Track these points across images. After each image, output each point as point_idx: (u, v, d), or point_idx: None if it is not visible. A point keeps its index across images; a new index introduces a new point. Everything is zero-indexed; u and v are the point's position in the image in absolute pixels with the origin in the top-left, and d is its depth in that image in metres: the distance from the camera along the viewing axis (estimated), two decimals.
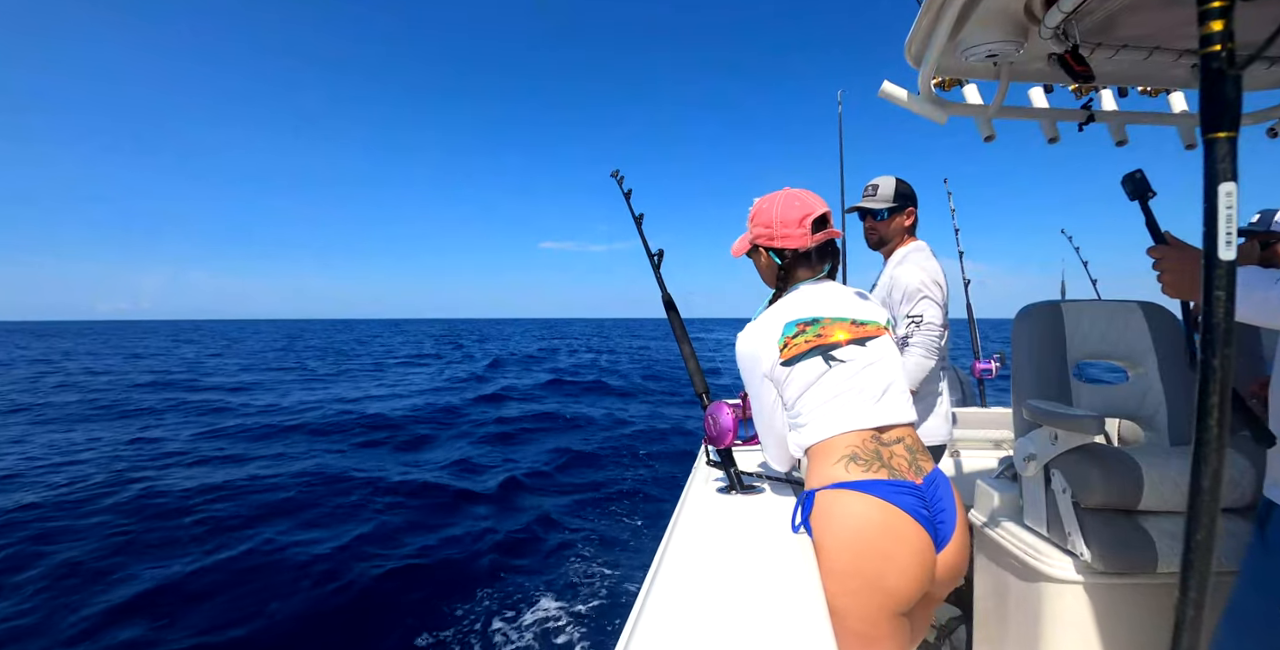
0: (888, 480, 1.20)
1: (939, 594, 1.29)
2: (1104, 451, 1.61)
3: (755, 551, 1.18)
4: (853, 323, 1.36)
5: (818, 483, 1.24)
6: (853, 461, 1.22)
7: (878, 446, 1.25)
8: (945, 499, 1.26)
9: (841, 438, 1.25)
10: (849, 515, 1.17)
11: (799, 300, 1.39)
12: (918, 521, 1.17)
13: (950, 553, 1.23)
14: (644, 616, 0.92)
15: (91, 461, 7.54)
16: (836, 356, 1.30)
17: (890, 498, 1.17)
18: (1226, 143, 0.63)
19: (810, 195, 1.47)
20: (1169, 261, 1.17)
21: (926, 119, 1.60)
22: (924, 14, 1.35)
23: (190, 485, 6.42)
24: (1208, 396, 0.63)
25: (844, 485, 1.20)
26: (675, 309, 1.87)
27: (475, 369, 21.24)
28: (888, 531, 1.15)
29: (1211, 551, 0.64)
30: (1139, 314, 1.92)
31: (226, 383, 16.94)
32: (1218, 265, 0.63)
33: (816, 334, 1.31)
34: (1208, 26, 0.62)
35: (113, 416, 11.34)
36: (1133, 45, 1.44)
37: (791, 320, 1.33)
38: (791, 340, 1.31)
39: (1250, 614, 1.07)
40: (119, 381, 17.19)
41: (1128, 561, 1.50)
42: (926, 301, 2.12)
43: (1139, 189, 1.31)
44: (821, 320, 1.33)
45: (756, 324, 1.39)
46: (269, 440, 9.11)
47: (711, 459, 1.68)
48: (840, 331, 1.33)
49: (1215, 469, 0.63)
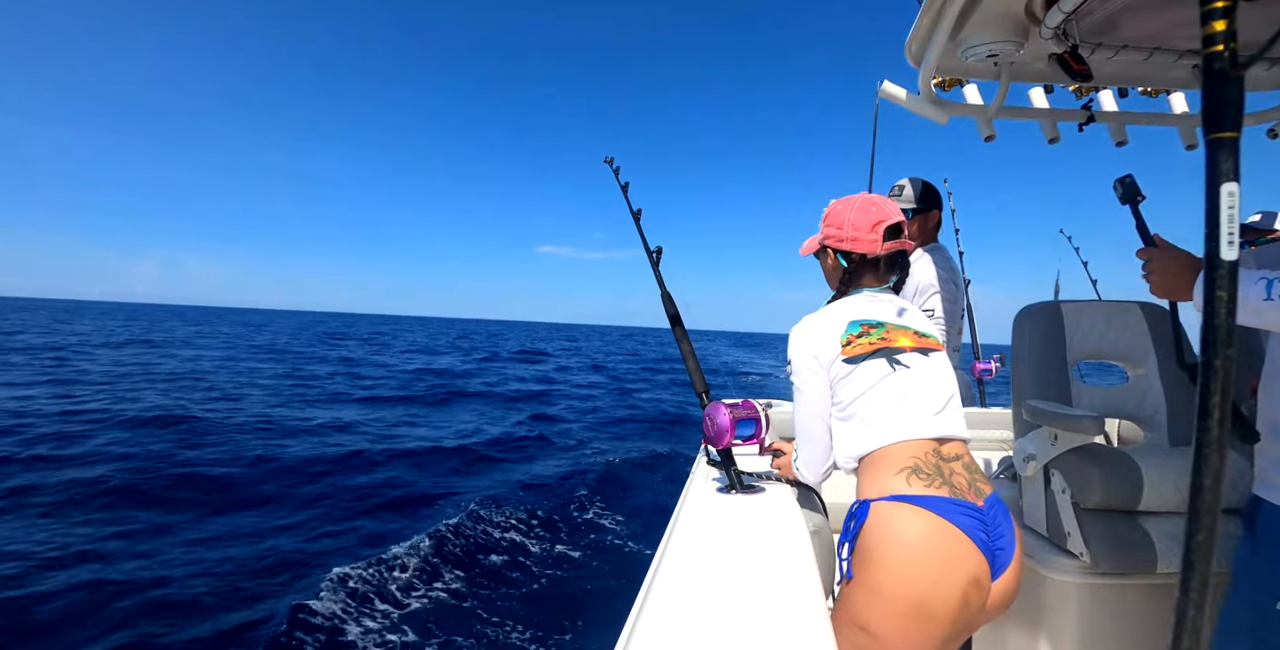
0: (950, 498, 1.12)
1: (982, 622, 1.18)
2: (1104, 452, 1.61)
3: (755, 551, 1.18)
4: (916, 333, 1.31)
5: (874, 493, 1.16)
6: (914, 474, 1.15)
7: (939, 461, 1.18)
8: (1005, 524, 1.19)
9: (903, 446, 1.18)
10: (907, 531, 1.09)
11: (862, 303, 1.35)
12: (977, 546, 1.10)
13: (1004, 581, 1.15)
14: (643, 616, 0.91)
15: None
16: (901, 361, 1.25)
17: (952, 517, 1.10)
18: (1229, 143, 0.63)
19: (887, 202, 1.41)
20: (1157, 263, 1.21)
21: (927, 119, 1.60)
22: (924, 14, 1.35)
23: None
24: (1208, 396, 0.63)
25: (905, 498, 1.12)
26: (675, 308, 1.87)
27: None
28: (946, 554, 1.08)
29: (1212, 552, 0.64)
30: (1139, 314, 1.91)
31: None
32: (1219, 266, 0.63)
33: (880, 337, 1.27)
34: (1210, 27, 0.62)
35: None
36: (1133, 46, 1.44)
37: (856, 320, 1.29)
38: (855, 339, 1.26)
39: (1243, 610, 1.07)
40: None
41: (1127, 562, 1.50)
42: (939, 297, 2.14)
43: (1129, 193, 1.35)
44: (885, 324, 1.29)
45: (816, 317, 1.34)
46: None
47: (711, 459, 1.68)
48: (904, 338, 1.28)
49: (1215, 469, 0.63)
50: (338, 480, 6.82)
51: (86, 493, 5.83)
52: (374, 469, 7.38)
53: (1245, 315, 1.01)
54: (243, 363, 19.44)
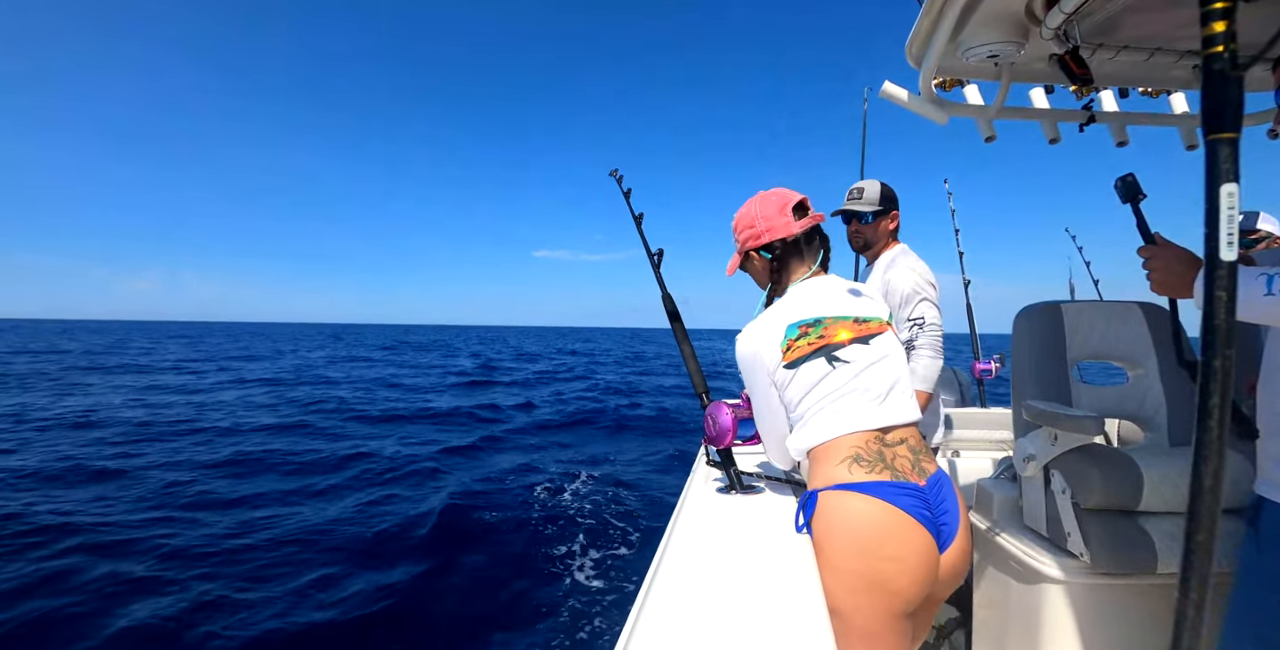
0: (890, 482, 1.19)
1: (941, 595, 1.29)
2: (1104, 452, 1.61)
3: (755, 551, 1.18)
4: (855, 320, 1.34)
5: (820, 483, 1.24)
6: (855, 463, 1.21)
7: (880, 447, 1.24)
8: (948, 500, 1.26)
9: (844, 439, 1.24)
10: (851, 516, 1.17)
11: (799, 300, 1.38)
12: (920, 522, 1.17)
13: (953, 554, 1.23)
14: (643, 616, 0.92)
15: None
16: (840, 357, 1.29)
17: (892, 499, 1.17)
18: (1228, 144, 0.63)
19: (783, 189, 1.48)
20: (1157, 261, 1.22)
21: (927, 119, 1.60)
22: (925, 14, 1.35)
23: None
24: (1208, 396, 0.64)
25: (846, 486, 1.20)
26: (676, 309, 1.87)
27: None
28: (890, 533, 1.15)
29: (1212, 552, 0.64)
30: (1139, 314, 1.91)
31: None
32: (1219, 266, 0.63)
33: (819, 335, 1.30)
34: (1210, 27, 0.62)
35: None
36: (1134, 46, 1.44)
37: (794, 322, 1.32)
38: (794, 343, 1.30)
39: (1250, 610, 1.07)
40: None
41: (1127, 562, 1.50)
42: (925, 303, 2.12)
43: (1130, 192, 1.36)
44: (824, 320, 1.32)
45: (757, 325, 1.37)
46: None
47: (711, 459, 1.68)
48: (843, 331, 1.32)
49: (1215, 469, 0.63)
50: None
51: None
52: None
53: (1246, 311, 1.02)
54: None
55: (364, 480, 6.92)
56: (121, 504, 5.79)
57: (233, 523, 5.36)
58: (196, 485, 6.47)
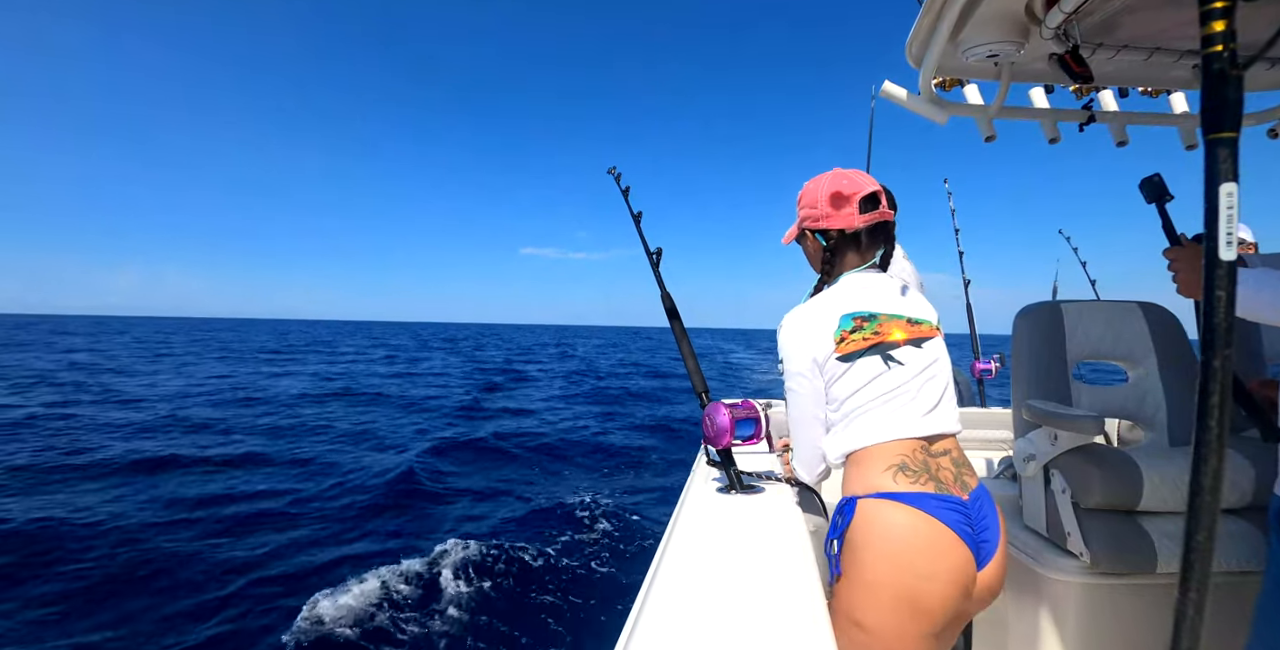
0: (934, 494, 1.14)
1: (973, 612, 1.22)
2: (1104, 452, 1.61)
3: (755, 551, 1.18)
4: (908, 321, 1.27)
5: (860, 490, 1.17)
6: (901, 471, 1.15)
7: (926, 457, 1.18)
8: (989, 516, 1.20)
9: (891, 445, 1.18)
10: (892, 527, 1.11)
11: (852, 291, 1.29)
12: (961, 538, 1.12)
13: (990, 572, 1.17)
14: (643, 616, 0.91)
15: None
16: (895, 357, 1.22)
17: (936, 512, 1.11)
18: (1228, 143, 0.63)
19: (860, 174, 1.34)
20: (1183, 262, 1.20)
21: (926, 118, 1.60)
22: (925, 14, 1.35)
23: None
24: (1208, 396, 0.63)
25: (890, 495, 1.13)
26: (675, 308, 1.87)
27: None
28: (930, 548, 1.10)
29: (1211, 552, 0.64)
30: (1139, 314, 1.91)
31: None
32: (1218, 265, 0.63)
33: (874, 331, 1.23)
34: (1210, 27, 0.62)
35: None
36: (1134, 46, 1.43)
37: (848, 313, 1.25)
38: (849, 335, 1.23)
39: (1278, 612, 1.05)
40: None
41: (1127, 562, 1.50)
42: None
43: (1157, 192, 1.32)
44: (878, 316, 1.25)
45: (807, 311, 1.29)
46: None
47: (711, 459, 1.68)
48: (897, 330, 1.25)
49: (1215, 469, 0.63)
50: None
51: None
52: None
53: (1271, 313, 1.00)
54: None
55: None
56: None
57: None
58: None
